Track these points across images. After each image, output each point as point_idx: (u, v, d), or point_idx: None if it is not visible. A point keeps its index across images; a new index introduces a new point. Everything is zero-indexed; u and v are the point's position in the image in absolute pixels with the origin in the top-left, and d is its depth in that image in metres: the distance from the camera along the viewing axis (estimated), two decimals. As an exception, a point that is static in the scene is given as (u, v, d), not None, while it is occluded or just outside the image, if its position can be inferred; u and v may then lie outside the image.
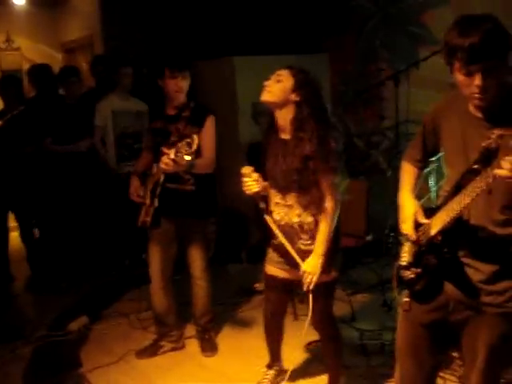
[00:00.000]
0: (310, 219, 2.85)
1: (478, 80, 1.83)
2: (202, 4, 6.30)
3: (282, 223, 2.92)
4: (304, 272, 2.83)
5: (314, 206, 2.83)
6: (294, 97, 2.79)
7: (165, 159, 3.23)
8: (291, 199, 2.87)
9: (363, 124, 5.85)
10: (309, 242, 2.88)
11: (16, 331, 4.24)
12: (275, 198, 2.95)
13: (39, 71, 5.53)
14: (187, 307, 3.97)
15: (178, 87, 3.55)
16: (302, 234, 2.89)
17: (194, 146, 3.13)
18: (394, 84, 4.57)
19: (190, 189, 3.59)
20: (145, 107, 5.25)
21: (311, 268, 2.82)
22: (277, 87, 2.81)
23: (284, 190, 2.89)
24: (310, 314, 2.86)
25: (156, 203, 3.55)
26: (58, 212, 5.27)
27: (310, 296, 2.85)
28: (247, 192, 2.89)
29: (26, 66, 6.98)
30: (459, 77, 1.89)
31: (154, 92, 3.86)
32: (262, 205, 2.93)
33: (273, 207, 2.97)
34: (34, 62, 6.50)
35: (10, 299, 5.11)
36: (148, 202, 3.60)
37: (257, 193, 2.90)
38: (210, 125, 3.58)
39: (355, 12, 5.94)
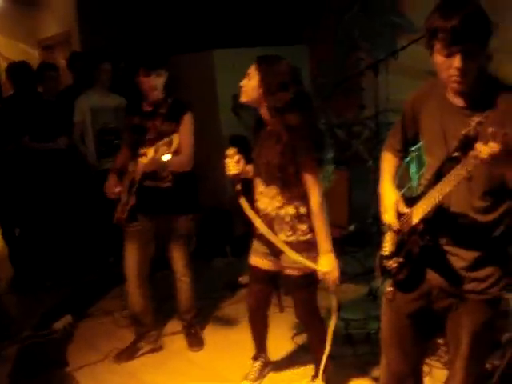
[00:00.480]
0: (292, 211, 2.84)
1: (457, 62, 1.81)
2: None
3: (265, 213, 2.91)
4: (323, 274, 2.79)
5: (297, 200, 2.83)
6: (262, 93, 2.76)
7: (143, 159, 3.21)
8: (274, 190, 2.86)
9: (343, 114, 5.86)
10: (290, 233, 2.87)
11: (1, 332, 4.20)
12: (260, 187, 2.94)
13: (18, 69, 5.44)
14: (172, 303, 3.96)
15: (152, 85, 3.50)
16: (284, 225, 2.87)
17: (174, 146, 3.11)
18: (374, 73, 4.57)
19: (167, 186, 3.56)
20: (124, 102, 5.20)
21: (327, 267, 2.79)
22: (249, 86, 2.79)
23: (267, 181, 2.88)
24: (333, 317, 2.87)
25: (132, 201, 3.50)
26: (39, 210, 5.21)
27: (334, 298, 2.84)
28: (227, 173, 2.89)
29: (3, 64, 6.88)
30: (439, 59, 1.87)
31: (131, 86, 3.83)
32: (239, 187, 2.92)
33: (257, 196, 2.97)
34: (11, 60, 6.40)
35: (-6, 300, 5.07)
36: (124, 199, 3.56)
37: (237, 175, 2.90)
38: (187, 122, 3.52)
39: (333, 2, 5.93)
